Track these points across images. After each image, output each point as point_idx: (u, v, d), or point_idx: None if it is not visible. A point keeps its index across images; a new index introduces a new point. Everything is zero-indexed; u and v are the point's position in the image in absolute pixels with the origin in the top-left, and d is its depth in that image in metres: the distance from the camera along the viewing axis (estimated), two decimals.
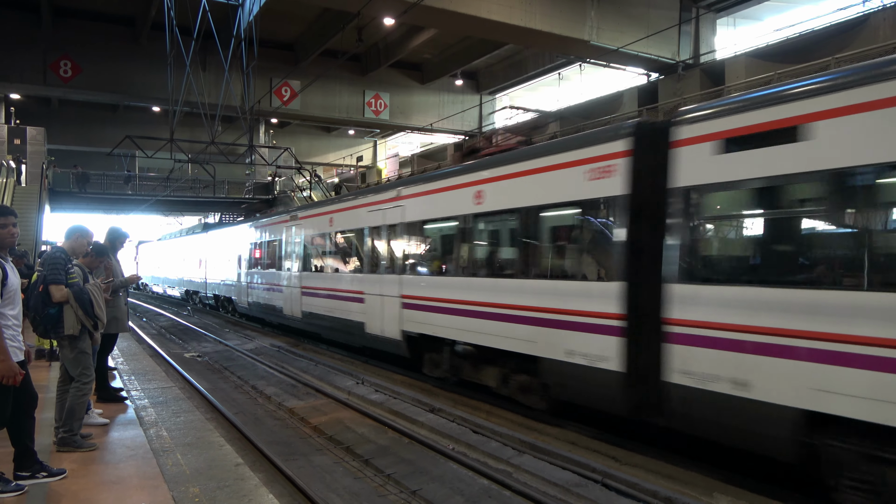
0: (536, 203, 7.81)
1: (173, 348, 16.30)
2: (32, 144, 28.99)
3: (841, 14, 17.86)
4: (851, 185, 4.84)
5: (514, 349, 8.14)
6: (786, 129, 5.22)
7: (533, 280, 7.79)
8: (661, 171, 6.24)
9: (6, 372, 3.97)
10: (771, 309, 5.24)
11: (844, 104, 4.86)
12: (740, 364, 5.43)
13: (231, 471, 4.78)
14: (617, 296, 6.61)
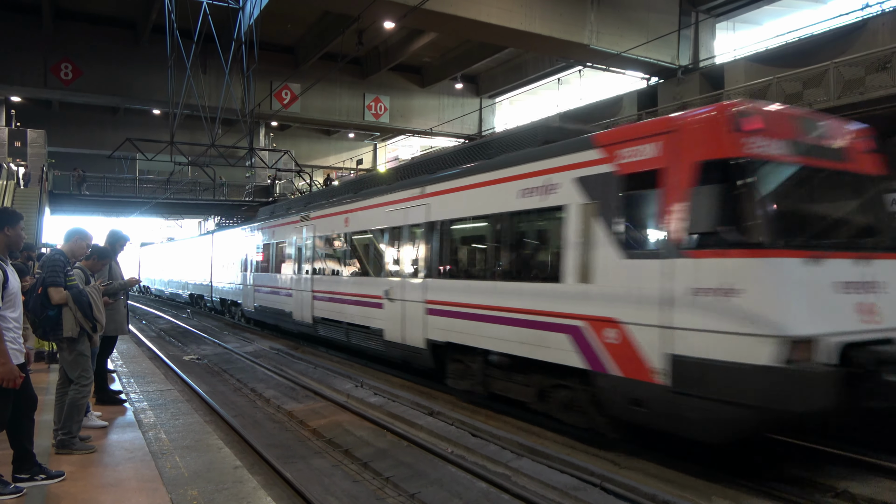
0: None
1: (172, 351, 16.30)
2: (33, 147, 29.05)
3: (840, 19, 17.91)
4: (449, 228, 9.82)
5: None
6: (423, 199, 10.36)
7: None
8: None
9: (6, 375, 3.98)
10: (454, 291, 9.45)
11: (442, 189, 9.96)
12: (446, 323, 9.57)
13: (229, 473, 4.78)
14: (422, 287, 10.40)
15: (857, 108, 13.31)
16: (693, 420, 5.95)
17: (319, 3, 20.82)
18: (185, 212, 42.86)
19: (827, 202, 6.64)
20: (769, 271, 5.50)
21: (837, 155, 6.48)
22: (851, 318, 5.65)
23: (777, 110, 6.44)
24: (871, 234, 6.50)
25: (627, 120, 19.79)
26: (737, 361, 5.42)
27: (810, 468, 6.43)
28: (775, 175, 5.99)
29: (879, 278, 5.95)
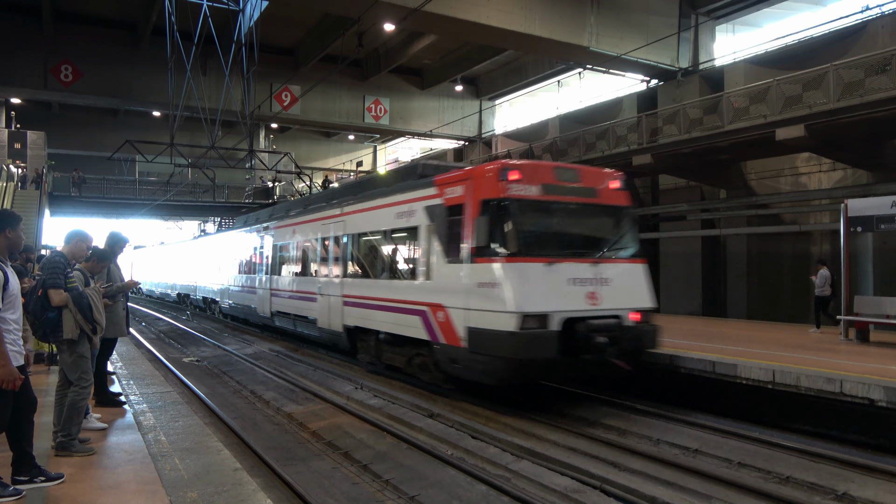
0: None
1: (172, 353, 16.29)
2: (33, 148, 29.06)
3: (840, 21, 17.92)
4: (357, 239, 12.44)
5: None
6: (341, 217, 13.17)
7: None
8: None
9: (6, 377, 3.97)
10: (359, 287, 12.17)
11: (353, 209, 12.72)
12: (355, 312, 12.16)
13: (229, 476, 4.77)
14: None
15: (857, 111, 13.33)
16: (481, 370, 8.73)
17: (319, 5, 20.83)
18: (184, 214, 42.85)
19: (568, 225, 9.46)
20: (514, 271, 8.35)
21: (581, 192, 9.36)
22: (579, 302, 8.57)
23: (533, 164, 9.86)
24: (604, 246, 9.41)
25: (627, 122, 19.80)
26: (498, 329, 8.23)
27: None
28: (526, 208, 8.82)
29: (604, 276, 8.91)
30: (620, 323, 8.84)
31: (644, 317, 9.33)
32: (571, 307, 8.51)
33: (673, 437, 7.75)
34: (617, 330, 8.66)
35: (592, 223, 9.69)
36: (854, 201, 11.78)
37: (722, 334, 13.23)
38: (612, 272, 9.11)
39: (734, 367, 9.04)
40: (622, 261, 9.47)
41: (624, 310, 8.99)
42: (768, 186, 18.32)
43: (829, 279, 13.31)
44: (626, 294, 9.19)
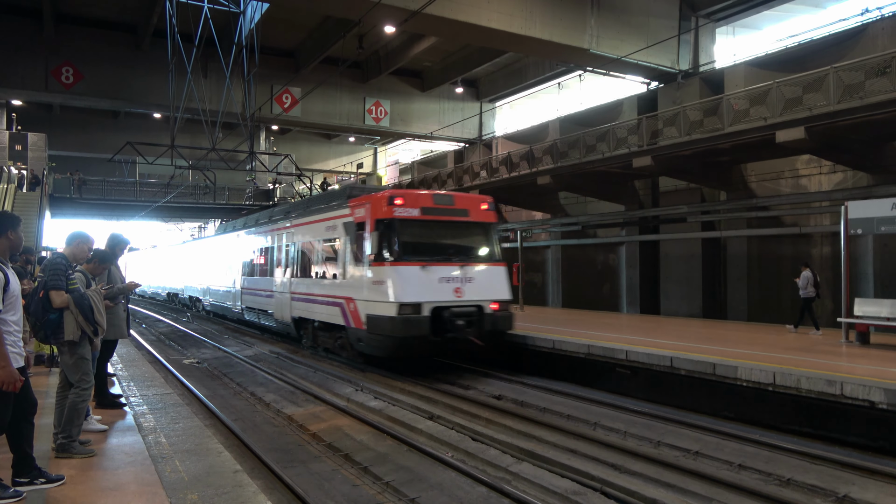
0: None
1: (172, 354, 16.29)
2: (33, 150, 29.07)
3: (840, 24, 17.94)
4: (300, 246, 15.55)
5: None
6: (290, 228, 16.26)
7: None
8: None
9: (6, 378, 3.97)
10: (302, 286, 14.99)
11: (298, 223, 15.85)
12: (300, 306, 14.92)
13: (229, 478, 4.77)
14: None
15: (857, 113, 13.33)
16: (376, 346, 11.76)
17: (320, 7, 20.84)
18: (185, 215, 42.86)
19: (441, 237, 12.42)
20: (396, 272, 11.34)
21: (454, 213, 12.40)
22: (446, 295, 11.48)
23: (415, 192, 12.61)
24: (471, 252, 12.53)
25: (628, 124, 19.80)
26: (385, 315, 11.21)
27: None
28: (408, 225, 11.78)
29: (468, 276, 11.88)
30: (481, 310, 11.85)
31: (502, 306, 12.24)
32: (440, 299, 11.48)
33: (673, 439, 7.75)
34: (476, 315, 11.72)
35: (462, 236, 12.79)
36: (854, 203, 11.78)
37: (723, 337, 13.22)
38: (476, 273, 12.17)
39: (735, 368, 9.04)
40: (485, 264, 12.47)
41: (485, 301, 11.96)
42: (769, 188, 18.33)
43: (812, 280, 13.49)
44: (487, 289, 12.12)
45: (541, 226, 26.44)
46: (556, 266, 26.74)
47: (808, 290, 13.51)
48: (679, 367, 9.83)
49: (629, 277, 22.97)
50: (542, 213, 26.91)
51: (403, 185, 32.95)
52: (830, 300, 17.04)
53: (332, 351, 14.34)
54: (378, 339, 11.56)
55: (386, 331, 11.27)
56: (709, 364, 9.40)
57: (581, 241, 25.17)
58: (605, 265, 24.70)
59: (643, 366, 10.44)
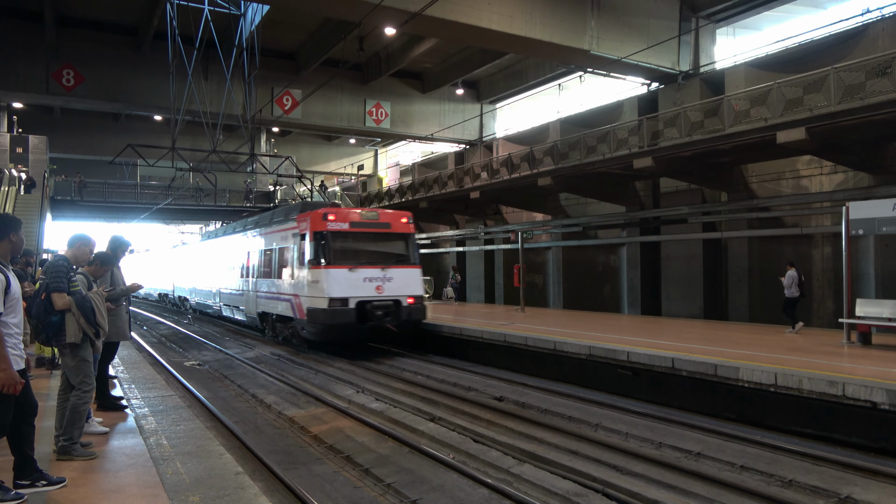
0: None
1: (173, 357, 16.29)
2: (34, 153, 29.06)
3: (840, 24, 17.93)
4: (263, 252, 18.41)
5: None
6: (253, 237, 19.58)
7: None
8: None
9: (7, 381, 3.97)
10: (264, 285, 18.07)
11: (260, 232, 19.05)
12: (263, 302, 18.13)
13: (231, 480, 4.77)
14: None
15: (858, 114, 13.32)
16: (314, 332, 14.79)
17: (320, 9, 20.84)
18: (186, 217, 42.88)
19: (367, 245, 15.32)
20: (328, 274, 14.20)
21: (378, 226, 15.49)
22: (369, 291, 14.42)
23: (346, 210, 15.86)
24: (391, 257, 15.42)
25: (628, 125, 19.79)
26: (319, 307, 14.03)
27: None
28: (338, 236, 14.70)
29: (388, 276, 14.79)
30: (398, 304, 14.92)
31: (416, 300, 15.40)
32: (363, 294, 14.50)
33: (675, 440, 7.74)
34: (394, 308, 14.82)
35: (384, 244, 15.72)
36: (855, 204, 11.77)
37: (724, 338, 13.21)
38: (395, 273, 15.13)
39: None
40: (403, 266, 15.51)
41: (402, 296, 15.06)
42: (769, 189, 18.31)
43: (797, 280, 13.61)
44: (404, 287, 15.19)
45: (541, 227, 26.44)
46: (556, 267, 26.73)
47: (792, 290, 13.66)
48: (680, 369, 9.83)
49: (630, 278, 22.96)
50: (543, 215, 26.91)
51: (404, 187, 32.95)
52: (832, 301, 17.03)
53: (286, 338, 17.49)
54: (316, 326, 14.65)
55: (320, 320, 14.36)
56: (710, 365, 9.39)
57: (582, 242, 25.16)
58: (606, 266, 24.68)
59: (644, 367, 10.44)
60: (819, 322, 17.15)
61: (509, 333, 13.78)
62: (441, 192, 28.83)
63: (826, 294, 17.30)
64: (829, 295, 17.21)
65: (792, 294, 13.68)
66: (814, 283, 17.55)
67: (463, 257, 32.76)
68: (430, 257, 35.95)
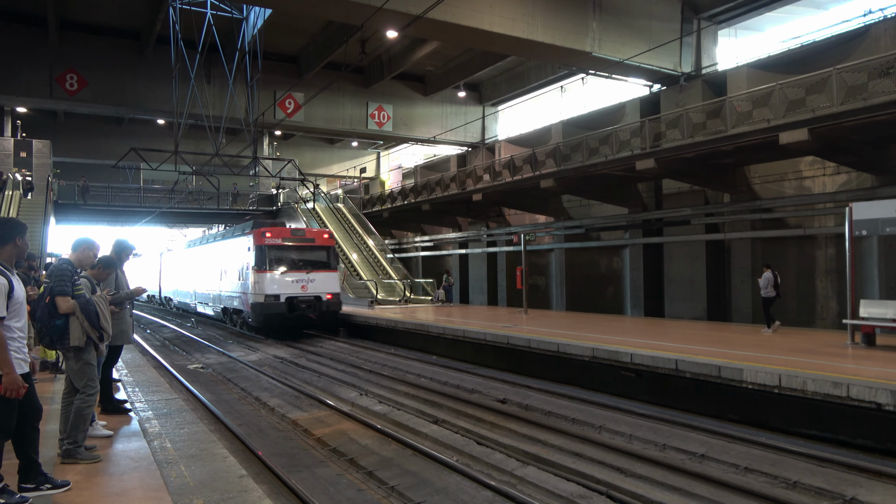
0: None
1: (177, 360, 16.31)
2: (38, 157, 29.18)
3: (842, 25, 17.92)
4: (224, 260, 23.41)
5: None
6: (219, 248, 24.63)
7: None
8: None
9: (10, 385, 3.98)
10: (227, 285, 23.32)
11: (223, 243, 24.45)
12: (225, 299, 23.45)
13: (235, 482, 4.77)
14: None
15: (860, 114, 13.30)
16: (255, 320, 19.70)
17: (322, 12, 20.88)
18: (189, 221, 42.98)
19: (295, 255, 20.09)
20: (265, 276, 19.38)
21: (304, 240, 20.76)
22: (296, 290, 19.56)
23: (279, 228, 20.97)
24: (314, 264, 20.18)
25: (630, 127, 19.79)
26: (259, 301, 19.30)
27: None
28: (273, 249, 19.71)
29: (311, 278, 19.84)
30: (319, 298, 19.79)
31: (334, 296, 20.26)
32: (292, 292, 19.42)
33: (679, 442, 7.73)
34: (315, 302, 19.68)
35: (309, 254, 20.49)
36: (859, 205, 11.75)
37: (728, 339, 13.18)
38: (317, 276, 19.96)
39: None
40: (323, 271, 20.29)
41: (322, 293, 19.92)
42: (772, 190, 18.29)
43: (773, 281, 13.88)
44: (323, 286, 20.04)
45: (544, 229, 26.43)
46: (559, 269, 26.72)
47: (768, 291, 13.97)
48: (684, 370, 9.81)
49: (633, 280, 22.94)
50: (546, 217, 26.91)
51: (406, 190, 33.02)
52: (836, 302, 16.99)
53: (240, 326, 22.48)
54: (257, 316, 19.58)
55: (260, 311, 19.38)
56: (714, 366, 9.37)
57: (584, 244, 25.14)
58: (609, 268, 24.66)
59: (648, 369, 10.42)
60: (823, 324, 17.12)
61: (512, 335, 13.78)
62: (443, 195, 28.85)
63: (830, 295, 17.26)
64: (832, 296, 17.18)
65: (768, 294, 13.97)
66: (817, 284, 17.52)
67: (465, 260, 32.77)
68: (432, 260, 35.95)
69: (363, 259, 29.07)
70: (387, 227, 36.73)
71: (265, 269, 19.45)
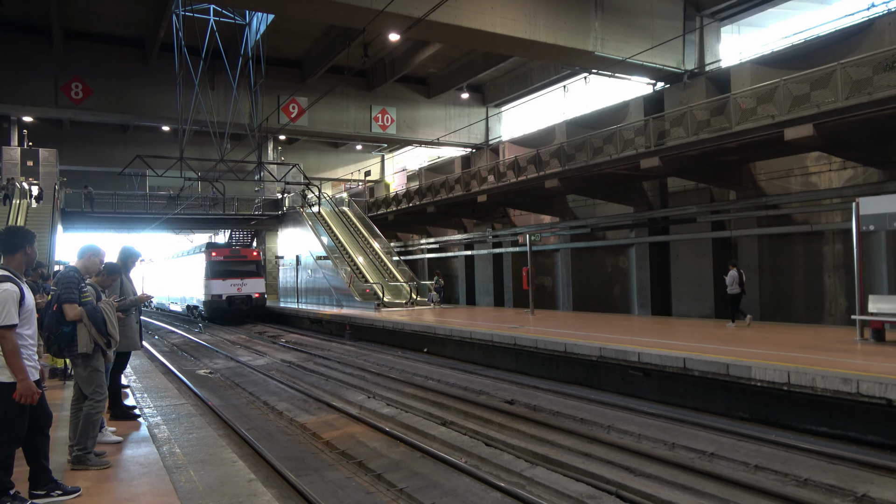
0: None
1: (185, 365, 16.37)
2: (45, 166, 29.37)
3: (846, 19, 17.84)
4: (187, 271, 34.02)
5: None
6: (184, 262, 35.84)
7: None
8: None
9: (25, 391, 4.02)
10: (191, 290, 34.11)
11: (188, 258, 34.96)
12: (189, 300, 35.02)
13: (244, 487, 4.78)
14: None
15: (866, 109, 13.22)
16: (206, 313, 30.08)
17: (325, 17, 20.93)
18: (195, 227, 43.13)
19: (233, 267, 29.91)
20: (212, 282, 29.29)
21: (240, 257, 31.05)
22: (234, 291, 29.30)
23: (223, 249, 32.33)
24: (246, 273, 29.98)
25: (634, 126, 19.75)
26: (206, 300, 29.80)
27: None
28: (218, 263, 29.71)
29: (244, 282, 29.69)
30: (250, 297, 29.30)
31: (261, 295, 29.70)
32: (230, 292, 28.85)
33: (688, 440, 7.70)
34: (247, 300, 29.25)
35: (242, 266, 29.85)
36: (866, 200, 11.68)
37: (736, 337, 13.13)
38: (248, 281, 29.37)
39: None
40: (252, 278, 29.70)
41: (252, 293, 29.36)
42: (778, 187, 18.21)
43: (738, 279, 14.55)
44: (252, 288, 29.42)
45: (549, 229, 26.39)
46: (565, 269, 26.67)
47: (734, 288, 14.63)
48: (692, 369, 9.78)
49: (639, 279, 22.87)
50: (551, 217, 26.87)
51: (411, 192, 33.06)
52: (844, 298, 16.89)
53: (196, 318, 31.22)
54: (207, 310, 29.00)
55: (209, 306, 28.82)
56: (722, 364, 9.34)
57: (590, 243, 25.09)
58: (615, 267, 24.60)
59: (656, 368, 10.39)
60: (832, 320, 17.02)
61: (519, 336, 13.77)
62: (448, 197, 28.86)
63: (838, 291, 17.17)
64: (841, 292, 17.08)
65: (734, 291, 14.64)
66: (825, 280, 17.42)
67: (471, 261, 32.76)
68: (438, 261, 35.96)
69: (369, 262, 29.10)
70: (392, 229, 36.77)
71: (212, 277, 28.91)
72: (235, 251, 31.30)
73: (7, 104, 25.94)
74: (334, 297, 27.82)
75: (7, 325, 4.02)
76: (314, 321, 25.35)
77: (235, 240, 42.83)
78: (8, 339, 4.03)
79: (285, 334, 23.66)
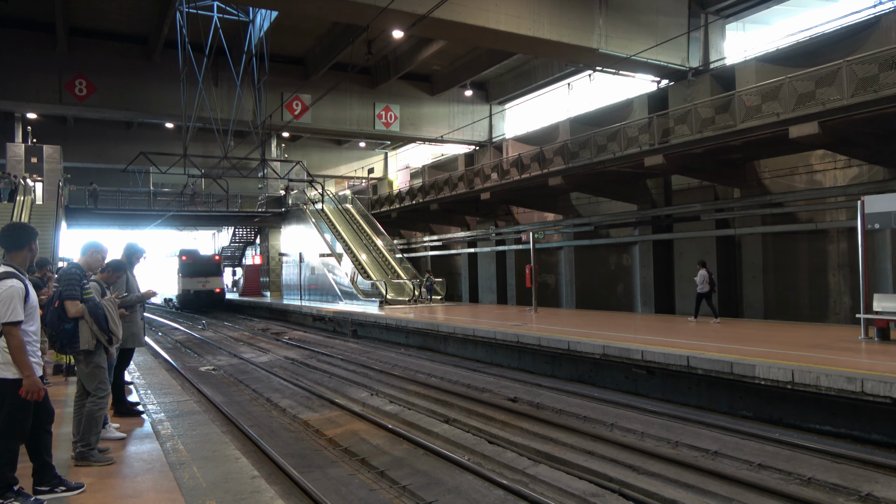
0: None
1: (189, 362, 16.40)
2: (49, 163, 29.42)
3: (852, 17, 17.75)
4: (176, 270, 40.24)
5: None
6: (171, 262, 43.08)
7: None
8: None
9: (31, 387, 4.03)
10: (175, 286, 41.58)
11: (173, 259, 41.83)
12: (174, 293, 43.53)
13: (247, 483, 4.78)
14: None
15: (871, 107, 13.16)
16: (180, 303, 39.41)
17: (328, 14, 20.92)
18: (198, 224, 43.25)
19: (200, 268, 38.91)
20: (183, 280, 38.30)
21: (204, 258, 40.72)
22: (200, 287, 38.37)
23: (191, 252, 41.05)
24: (209, 272, 39.02)
25: (638, 123, 19.69)
26: (180, 294, 39.11)
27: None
28: (188, 264, 38.80)
29: (207, 279, 38.70)
30: (212, 291, 38.41)
31: (221, 290, 39.22)
32: (197, 287, 38.04)
33: (692, 439, 7.68)
34: (211, 294, 38.37)
35: (206, 266, 39.14)
36: (871, 198, 11.63)
37: (739, 335, 13.10)
38: (210, 279, 38.53)
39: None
40: (214, 276, 38.92)
41: (213, 289, 38.51)
42: (783, 185, 18.15)
43: (708, 278, 15.12)
44: (214, 284, 38.57)
45: (553, 227, 26.37)
46: (569, 267, 26.64)
47: (703, 287, 15.19)
48: (696, 367, 9.76)
49: (643, 277, 22.83)
50: (554, 215, 26.84)
51: (414, 189, 33.06)
52: (849, 296, 16.84)
53: (171, 308, 40.66)
54: (179, 301, 38.61)
55: (181, 298, 38.15)
56: (726, 363, 9.31)
57: (594, 241, 25.06)
58: (619, 265, 24.57)
59: (659, 366, 10.37)
60: (836, 318, 16.97)
61: (522, 334, 13.76)
62: (451, 194, 28.84)
63: (843, 290, 17.11)
64: (845, 291, 17.02)
65: (703, 290, 15.17)
66: (830, 279, 17.36)
67: (475, 259, 32.75)
68: (441, 259, 35.96)
69: (372, 259, 29.12)
70: (395, 227, 36.78)
71: (183, 276, 37.36)
72: (202, 256, 40.53)
73: (11, 101, 25.97)
74: (337, 294, 27.85)
75: (13, 321, 4.03)
76: (317, 318, 25.39)
77: (239, 237, 45.77)
78: (14, 335, 4.04)
79: (288, 331, 23.69)
